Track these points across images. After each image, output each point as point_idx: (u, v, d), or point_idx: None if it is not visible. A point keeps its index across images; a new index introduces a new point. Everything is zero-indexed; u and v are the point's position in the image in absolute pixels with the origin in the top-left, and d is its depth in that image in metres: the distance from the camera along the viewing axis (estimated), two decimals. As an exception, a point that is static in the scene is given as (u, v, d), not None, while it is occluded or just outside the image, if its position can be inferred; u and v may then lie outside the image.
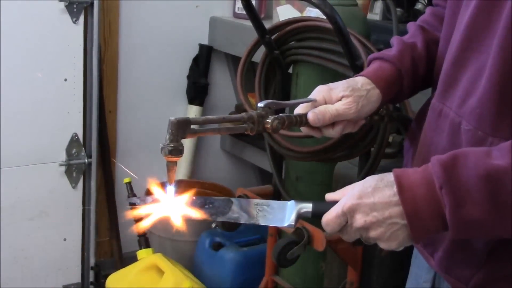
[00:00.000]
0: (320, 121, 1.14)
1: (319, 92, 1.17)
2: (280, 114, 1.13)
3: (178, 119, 1.01)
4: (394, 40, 1.26)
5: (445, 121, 1.09)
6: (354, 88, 1.16)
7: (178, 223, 1.07)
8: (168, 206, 1.06)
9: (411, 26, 1.30)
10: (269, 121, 1.11)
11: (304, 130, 1.20)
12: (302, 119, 1.15)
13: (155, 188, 1.07)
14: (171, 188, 1.06)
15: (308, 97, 1.18)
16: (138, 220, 2.62)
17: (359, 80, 1.18)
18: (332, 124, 1.17)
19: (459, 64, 1.07)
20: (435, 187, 0.93)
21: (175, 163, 1.03)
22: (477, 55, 1.03)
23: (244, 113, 1.10)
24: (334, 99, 1.16)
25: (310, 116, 1.14)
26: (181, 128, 1.01)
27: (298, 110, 1.18)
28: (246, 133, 1.11)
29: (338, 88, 1.16)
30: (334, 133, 1.18)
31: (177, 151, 1.01)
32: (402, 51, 1.22)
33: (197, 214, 1.07)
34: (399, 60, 1.21)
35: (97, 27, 2.62)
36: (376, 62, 1.23)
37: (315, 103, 1.16)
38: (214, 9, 3.06)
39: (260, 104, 1.12)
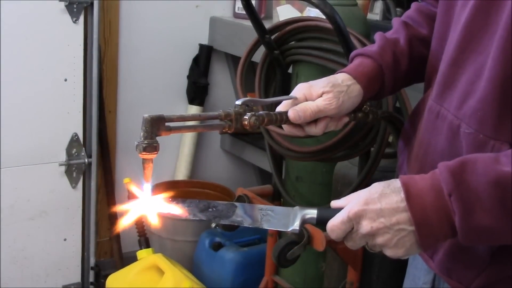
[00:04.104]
0: (301, 118, 1.13)
1: (299, 89, 1.17)
2: (259, 112, 1.12)
3: (152, 116, 1.01)
4: (377, 36, 1.26)
5: (443, 123, 1.08)
6: (334, 84, 1.15)
7: (154, 221, 1.06)
8: (145, 204, 1.05)
9: (395, 21, 1.29)
10: (247, 118, 1.10)
11: (286, 129, 1.20)
12: (283, 117, 1.14)
13: (133, 187, 1.07)
14: (147, 186, 1.05)
15: (289, 95, 1.17)
16: (139, 221, 2.62)
17: (340, 76, 1.18)
18: (315, 121, 1.16)
19: (457, 65, 1.06)
20: (444, 194, 0.92)
21: (151, 160, 1.03)
22: (476, 56, 1.02)
23: (221, 110, 1.09)
24: (314, 96, 1.15)
25: (291, 113, 1.13)
26: (155, 125, 1.01)
27: (279, 108, 1.17)
28: (224, 130, 1.10)
29: (318, 84, 1.16)
30: (317, 130, 1.17)
31: (152, 148, 1.01)
32: (383, 47, 1.22)
33: (176, 210, 1.07)
34: (380, 56, 1.20)
35: (97, 27, 2.62)
36: (357, 59, 1.23)
37: (295, 101, 1.15)
38: (214, 9, 3.06)
39: (238, 102, 1.11)
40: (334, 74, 1.20)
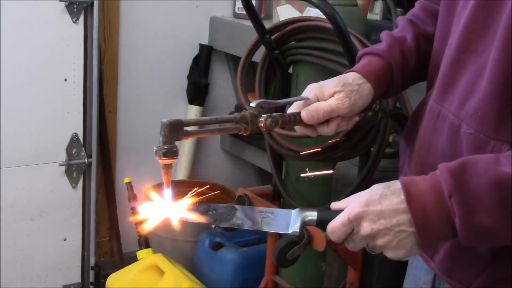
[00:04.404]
0: (314, 118, 1.13)
1: (310, 90, 1.16)
2: (273, 114, 1.12)
3: (170, 121, 1.00)
4: (383, 34, 1.26)
5: (444, 123, 1.08)
6: (345, 83, 1.15)
7: (177, 225, 1.06)
8: (167, 210, 1.05)
9: (400, 20, 1.29)
10: (263, 119, 1.10)
11: (298, 130, 1.19)
12: (296, 118, 1.14)
13: (153, 193, 1.06)
14: (168, 192, 1.04)
15: (301, 95, 1.17)
16: (139, 223, 2.61)
17: (350, 76, 1.18)
18: (327, 121, 1.16)
19: (458, 65, 1.06)
20: (444, 195, 0.92)
21: (170, 165, 1.01)
22: (476, 56, 1.02)
23: (236, 113, 1.09)
24: (326, 96, 1.15)
25: (304, 114, 1.13)
26: (173, 130, 1.00)
27: (291, 109, 1.17)
28: (240, 133, 1.10)
29: (329, 84, 1.16)
30: (329, 130, 1.16)
31: (172, 153, 0.99)
32: (391, 45, 1.22)
33: (197, 217, 1.06)
34: (389, 54, 1.20)
35: (97, 27, 2.62)
36: (365, 57, 1.22)
37: (307, 101, 1.15)
38: (214, 9, 3.06)
39: (252, 104, 1.11)
40: (343, 74, 1.20)
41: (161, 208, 1.05)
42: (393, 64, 1.20)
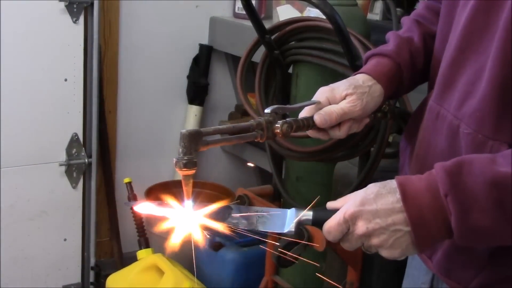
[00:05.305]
0: (327, 122, 1.13)
1: (321, 93, 1.16)
2: (288, 119, 1.11)
3: (190, 131, 0.98)
4: (390, 35, 1.26)
5: (443, 123, 1.08)
6: (356, 85, 1.15)
7: (199, 237, 1.06)
8: (189, 221, 1.04)
9: (405, 20, 1.29)
10: (279, 126, 1.09)
11: (310, 133, 1.19)
12: (309, 122, 1.14)
13: (173, 202, 1.05)
14: (189, 203, 1.03)
15: (312, 99, 1.17)
16: (139, 221, 2.59)
17: (360, 78, 1.18)
18: (338, 124, 1.16)
19: (457, 66, 1.06)
20: (440, 195, 0.92)
21: (191, 176, 1.00)
22: (476, 56, 1.02)
23: (252, 120, 1.08)
24: (337, 99, 1.15)
25: (317, 118, 1.13)
26: (193, 140, 0.99)
27: (303, 113, 1.16)
28: (256, 140, 1.09)
29: (340, 87, 1.15)
30: (340, 133, 1.16)
31: (192, 163, 0.98)
32: (399, 45, 1.22)
33: (218, 226, 1.06)
34: (397, 54, 1.21)
35: (97, 27, 2.62)
36: (373, 59, 1.22)
37: (319, 105, 1.15)
38: (214, 9, 3.06)
39: (267, 110, 1.10)
40: (353, 76, 1.20)
41: (183, 219, 1.04)
42: (402, 64, 1.20)
